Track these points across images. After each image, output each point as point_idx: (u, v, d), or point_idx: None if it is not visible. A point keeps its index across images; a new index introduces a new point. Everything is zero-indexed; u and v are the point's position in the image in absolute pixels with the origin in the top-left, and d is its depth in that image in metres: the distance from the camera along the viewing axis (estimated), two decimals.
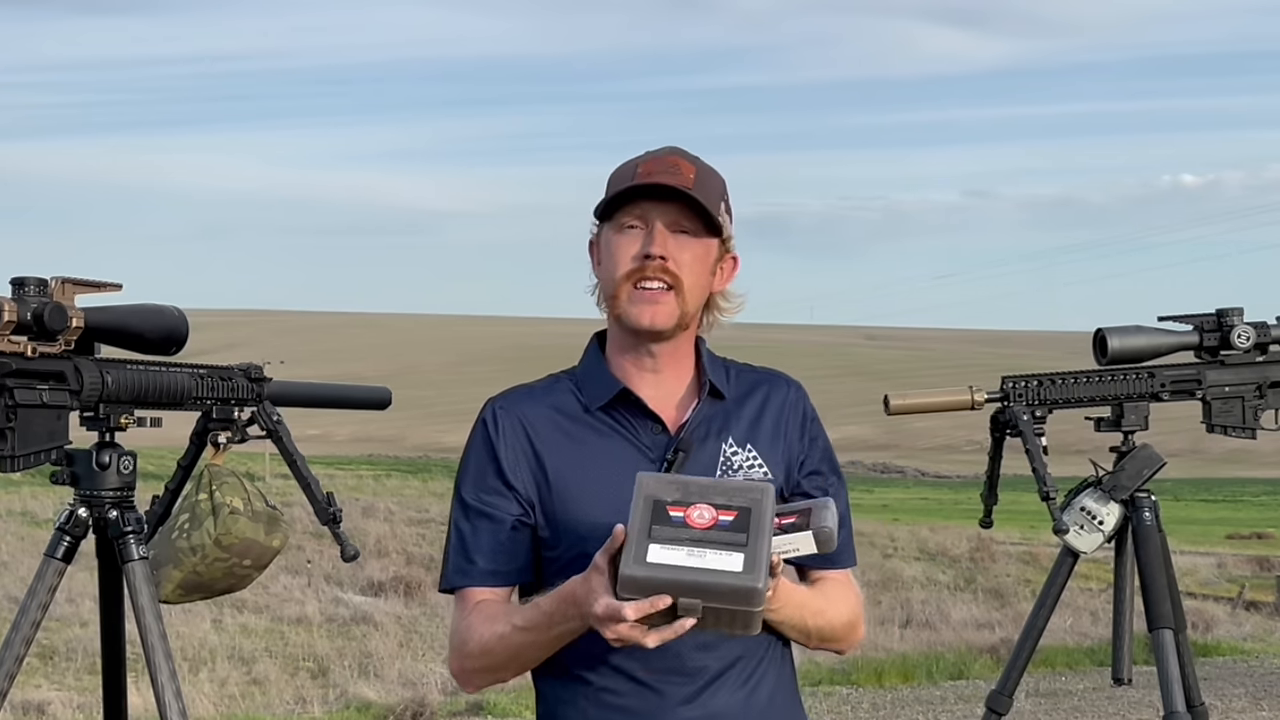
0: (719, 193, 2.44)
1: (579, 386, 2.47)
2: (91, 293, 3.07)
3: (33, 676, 13.28)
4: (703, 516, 2.08)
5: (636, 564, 2.04)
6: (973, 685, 10.17)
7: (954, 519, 40.19)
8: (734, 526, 2.08)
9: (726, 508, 2.09)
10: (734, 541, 2.06)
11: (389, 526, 29.90)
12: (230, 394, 3.41)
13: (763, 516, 2.09)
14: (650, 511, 2.09)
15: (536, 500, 2.42)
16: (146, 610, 3.09)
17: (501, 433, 2.45)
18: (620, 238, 2.40)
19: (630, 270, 2.38)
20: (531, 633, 2.31)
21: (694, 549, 2.05)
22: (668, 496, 2.10)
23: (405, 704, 9.84)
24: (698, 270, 2.40)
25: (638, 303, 2.38)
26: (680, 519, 2.08)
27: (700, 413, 2.44)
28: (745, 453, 2.44)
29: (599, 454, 2.41)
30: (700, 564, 2.04)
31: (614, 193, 2.40)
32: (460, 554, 2.44)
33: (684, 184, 2.38)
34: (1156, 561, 4.19)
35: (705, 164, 2.45)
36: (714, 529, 2.07)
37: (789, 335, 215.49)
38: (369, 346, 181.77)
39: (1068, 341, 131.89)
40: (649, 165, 2.41)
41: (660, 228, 2.38)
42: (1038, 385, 4.15)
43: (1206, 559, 32.04)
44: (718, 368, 2.50)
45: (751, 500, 2.11)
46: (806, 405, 2.53)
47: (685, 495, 2.11)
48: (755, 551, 2.05)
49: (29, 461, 2.97)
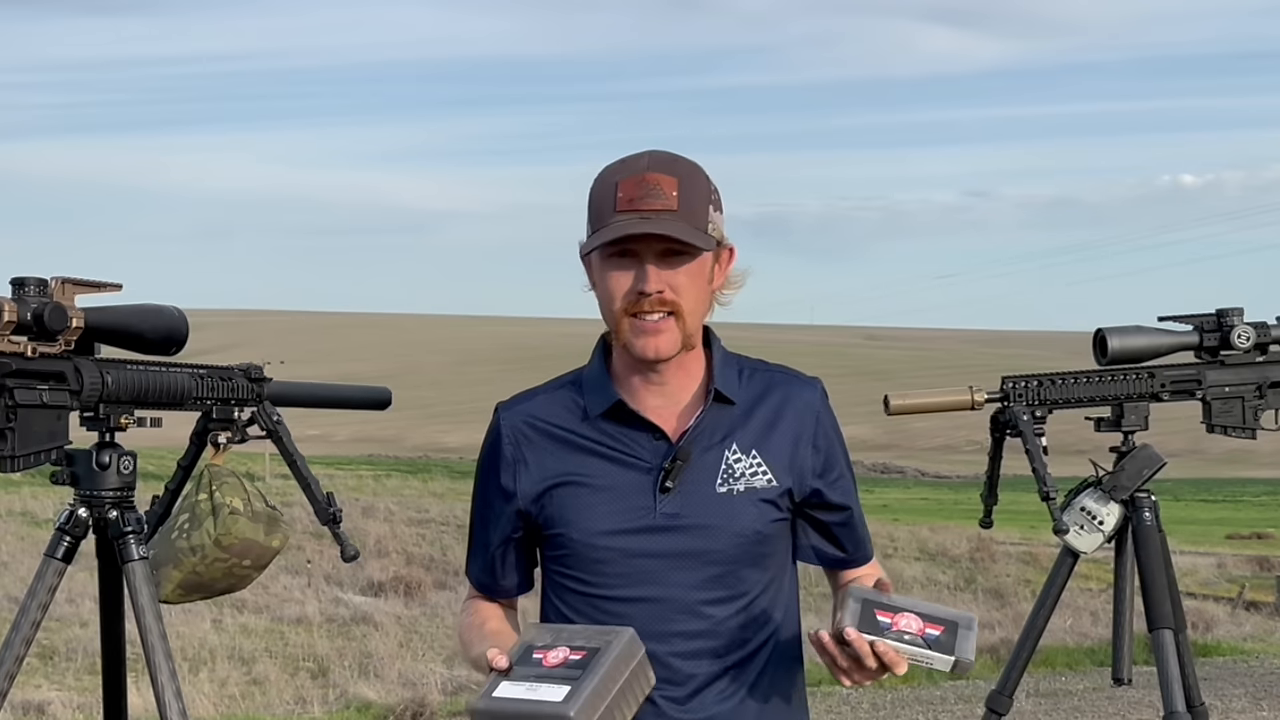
0: (704, 197, 2.37)
1: (582, 393, 2.46)
2: (91, 293, 3.06)
3: (33, 676, 13.27)
4: (556, 657, 2.22)
5: (482, 698, 2.20)
6: (973, 685, 10.16)
7: (954, 519, 40.15)
8: (578, 664, 2.20)
9: (582, 649, 2.22)
10: (569, 677, 2.18)
11: (389, 526, 29.90)
12: (230, 394, 3.40)
13: (608, 655, 2.20)
14: (520, 652, 2.24)
15: (536, 511, 2.44)
16: (146, 610, 3.09)
17: (504, 444, 2.47)
18: (612, 271, 2.36)
19: (626, 306, 2.35)
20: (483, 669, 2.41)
21: (534, 684, 2.19)
22: (539, 641, 2.26)
23: (405, 704, 9.84)
24: (695, 288, 2.36)
25: (640, 335, 2.36)
26: (539, 660, 2.22)
27: (703, 421, 2.41)
28: (749, 459, 2.41)
29: (597, 464, 2.41)
30: (531, 696, 2.17)
31: (597, 237, 2.33)
32: (470, 550, 2.59)
33: (667, 207, 2.31)
34: (1156, 561, 4.19)
35: (685, 165, 2.37)
36: (561, 667, 2.20)
37: (789, 335, 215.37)
38: (369, 346, 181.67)
39: (1068, 341, 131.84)
40: (628, 188, 2.32)
41: (651, 264, 2.32)
42: (1038, 385, 4.15)
43: (1206, 559, 32.02)
44: (730, 369, 2.46)
45: (605, 643, 2.22)
46: (823, 408, 2.49)
47: (554, 639, 2.26)
48: (582, 685, 2.16)
49: (29, 461, 2.96)
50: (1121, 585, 4.33)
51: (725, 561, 2.39)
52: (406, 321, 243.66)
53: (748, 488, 2.40)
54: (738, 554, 2.39)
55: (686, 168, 2.37)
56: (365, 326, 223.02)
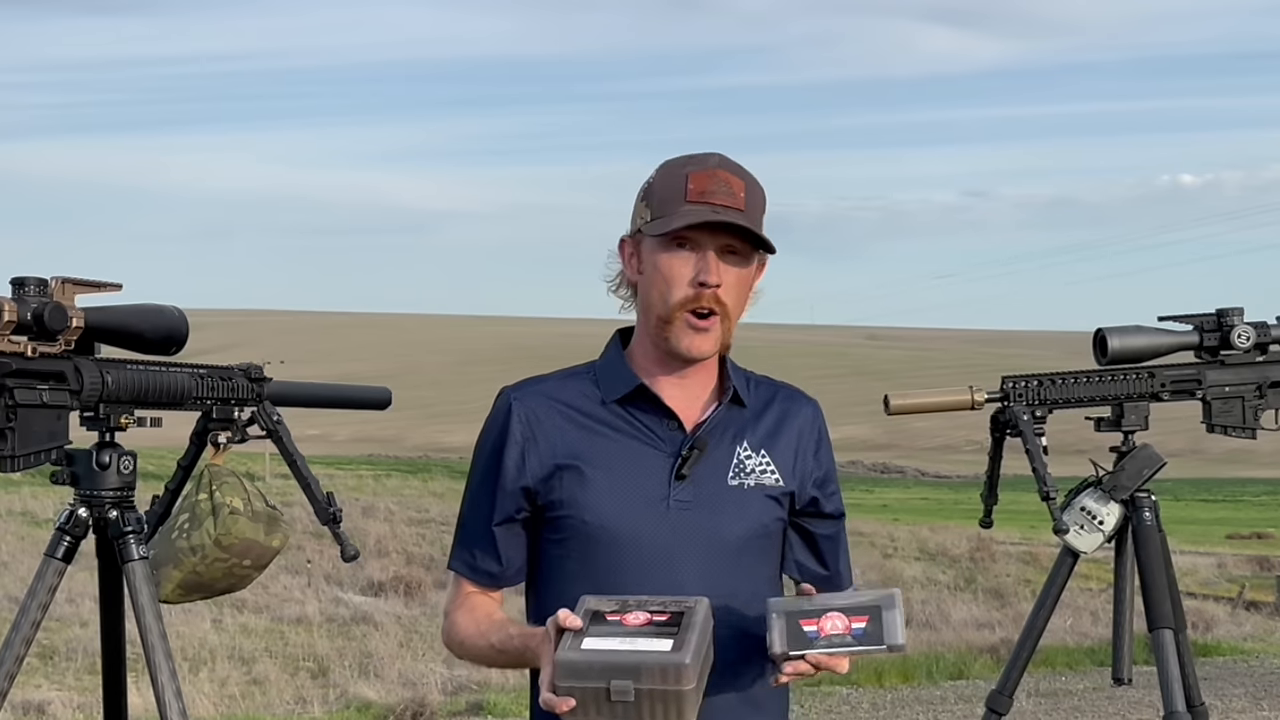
0: (763, 204, 2.42)
1: (597, 380, 2.48)
2: (91, 293, 3.06)
3: (33, 676, 13.27)
4: (637, 619, 2.18)
5: (571, 649, 2.14)
6: (973, 685, 10.17)
7: (954, 519, 40.15)
8: (668, 623, 2.17)
9: (663, 612, 2.19)
10: (665, 634, 2.15)
11: (389, 526, 29.89)
12: (230, 394, 3.40)
13: (694, 616, 2.17)
14: (588, 619, 2.19)
15: (544, 490, 2.43)
16: (146, 610, 3.09)
17: (514, 422, 2.45)
18: (671, 258, 2.38)
19: (686, 297, 2.37)
20: (504, 655, 2.41)
21: (627, 638, 2.14)
22: (605, 608, 2.21)
23: (405, 704, 9.85)
24: (741, 292, 2.42)
25: (690, 332, 2.39)
26: (617, 621, 2.18)
27: (719, 415, 2.45)
28: (759, 458, 2.46)
29: (612, 447, 2.42)
30: (631, 648, 2.13)
31: (674, 222, 2.35)
32: (463, 543, 2.52)
33: (736, 205, 2.36)
34: (1156, 561, 4.19)
35: (749, 173, 2.42)
36: (648, 625, 2.17)
37: (789, 335, 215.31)
38: (369, 346, 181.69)
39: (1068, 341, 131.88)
40: (700, 180, 2.37)
41: (714, 256, 2.36)
42: (1038, 385, 4.15)
43: (1206, 559, 32.02)
44: (740, 377, 2.51)
45: (685, 607, 2.19)
46: (822, 426, 2.56)
47: (623, 606, 2.21)
48: (684, 637, 2.13)
49: (29, 461, 2.96)
50: (1121, 585, 4.33)
51: (732, 553, 2.41)
52: (406, 321, 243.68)
53: (758, 483, 2.44)
54: (745, 545, 2.43)
55: (751, 176, 2.43)
56: (365, 326, 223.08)
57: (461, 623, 2.48)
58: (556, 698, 2.13)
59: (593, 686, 2.12)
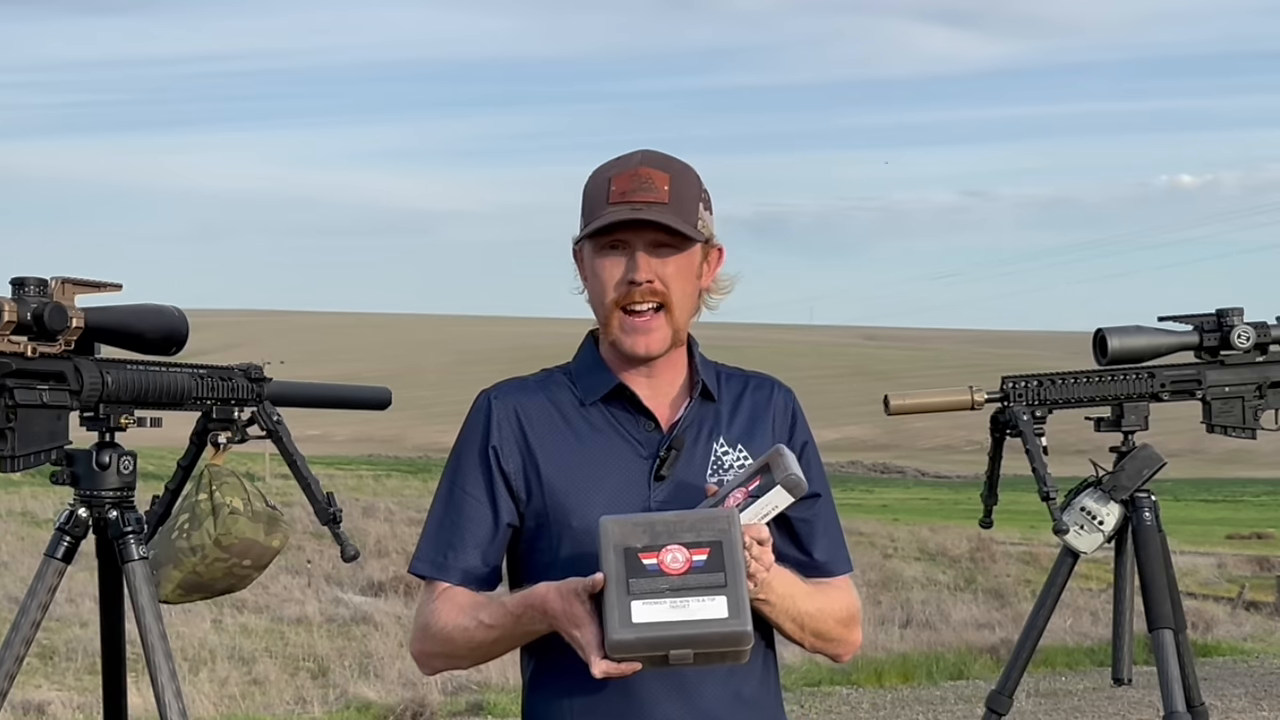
0: (695, 194, 2.43)
1: (574, 381, 2.49)
2: (91, 293, 3.07)
3: (33, 676, 13.27)
4: (676, 560, 2.09)
5: (623, 627, 2.06)
6: (973, 685, 10.17)
7: (954, 519, 40.13)
8: (709, 566, 2.08)
9: (697, 545, 2.10)
10: (713, 584, 2.07)
11: (389, 526, 29.88)
12: (230, 394, 3.41)
13: (734, 548, 2.10)
14: (623, 562, 2.09)
15: (526, 493, 2.43)
16: (146, 610, 3.09)
17: (495, 424, 2.45)
18: (603, 261, 2.41)
19: (617, 297, 2.40)
20: (495, 630, 2.34)
21: (676, 600, 2.06)
22: (637, 542, 2.11)
23: (405, 704, 9.84)
24: (683, 281, 2.41)
25: (630, 332, 2.40)
26: (655, 566, 2.09)
27: (692, 412, 2.46)
28: (736, 453, 2.46)
29: (593, 447, 2.42)
30: (685, 616, 2.05)
31: (590, 226, 2.39)
32: (435, 544, 2.45)
33: (659, 200, 2.37)
34: (1156, 561, 4.19)
35: (678, 164, 2.44)
36: (690, 572, 2.08)
37: (789, 335, 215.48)
38: (369, 346, 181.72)
39: (1068, 341, 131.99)
40: (621, 182, 2.39)
41: (641, 253, 2.38)
42: (1038, 385, 4.15)
43: (1206, 559, 32.00)
44: (709, 370, 2.52)
45: (719, 532, 2.12)
46: (796, 408, 2.55)
47: (654, 538, 2.11)
48: (736, 591, 2.06)
49: (29, 461, 2.97)
50: (1121, 585, 4.33)
51: None
52: (406, 321, 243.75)
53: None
54: None
55: (679, 166, 2.44)
56: (365, 326, 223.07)
57: (443, 610, 2.39)
58: (615, 665, 2.11)
59: (649, 655, 2.09)
